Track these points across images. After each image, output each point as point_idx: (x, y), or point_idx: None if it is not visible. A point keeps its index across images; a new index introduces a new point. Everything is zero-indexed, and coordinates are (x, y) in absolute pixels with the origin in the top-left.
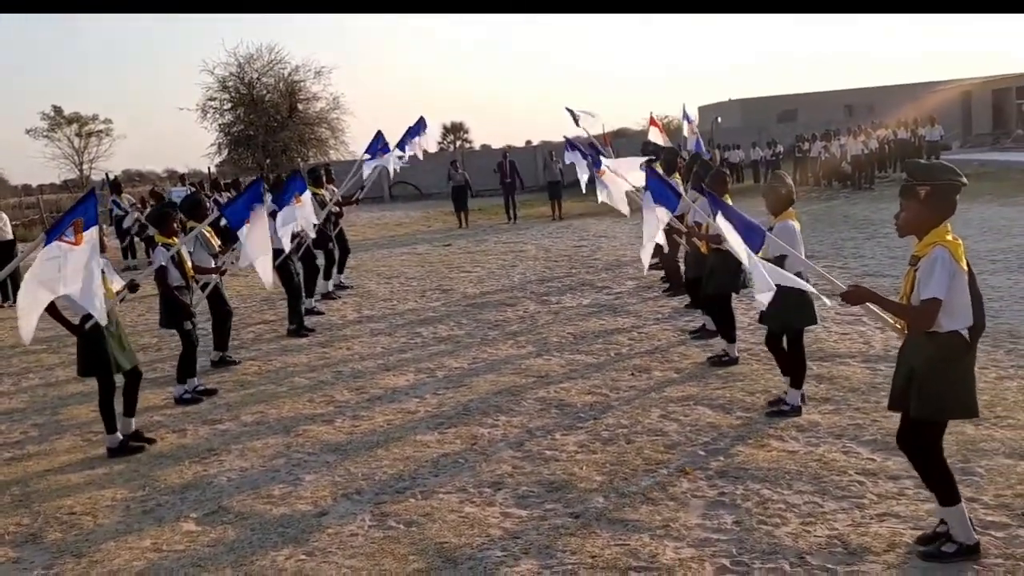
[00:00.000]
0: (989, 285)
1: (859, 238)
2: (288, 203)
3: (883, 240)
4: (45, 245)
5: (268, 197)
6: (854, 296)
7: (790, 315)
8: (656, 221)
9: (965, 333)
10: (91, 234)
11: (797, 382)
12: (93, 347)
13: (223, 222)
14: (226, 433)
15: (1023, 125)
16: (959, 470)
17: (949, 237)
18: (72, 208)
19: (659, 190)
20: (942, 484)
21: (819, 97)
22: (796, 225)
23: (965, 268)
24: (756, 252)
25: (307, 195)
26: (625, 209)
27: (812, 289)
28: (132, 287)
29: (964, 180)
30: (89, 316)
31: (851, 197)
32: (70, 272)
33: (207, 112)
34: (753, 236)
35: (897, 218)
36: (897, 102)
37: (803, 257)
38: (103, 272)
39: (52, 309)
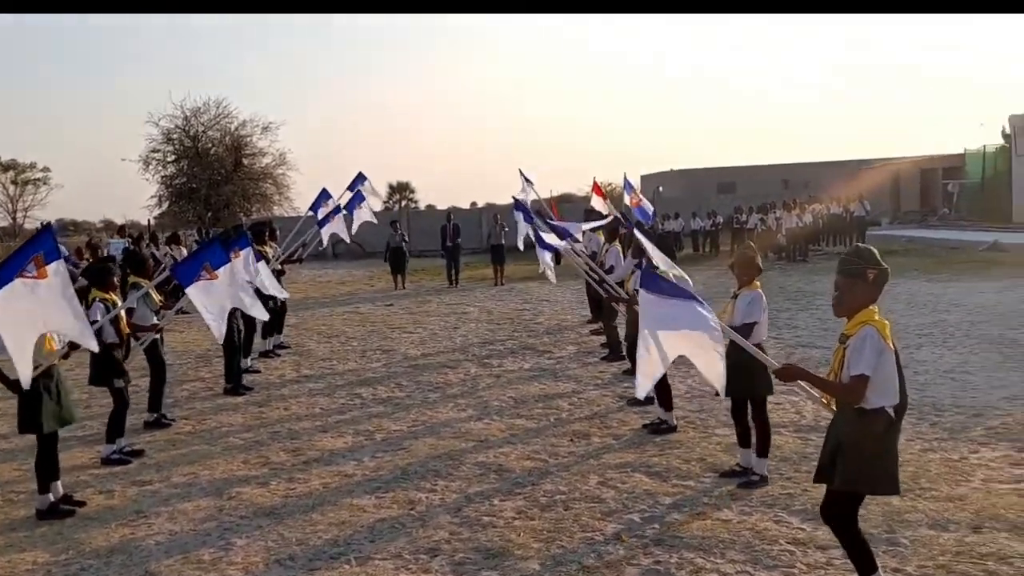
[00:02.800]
0: (915, 359)
1: (793, 309)
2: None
3: (816, 311)
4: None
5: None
6: (786, 374)
7: (757, 382)
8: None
9: (891, 410)
10: (56, 267)
11: (764, 451)
12: (30, 403)
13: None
14: (156, 495)
15: (948, 204)
16: (884, 540)
17: (877, 317)
18: (26, 245)
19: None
20: (860, 555)
21: (757, 170)
22: (762, 294)
23: (892, 347)
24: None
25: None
26: (552, 277)
27: (763, 356)
28: (73, 345)
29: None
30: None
31: (786, 269)
32: (49, 307)
33: (150, 163)
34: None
35: (835, 299)
36: (831, 178)
37: (765, 327)
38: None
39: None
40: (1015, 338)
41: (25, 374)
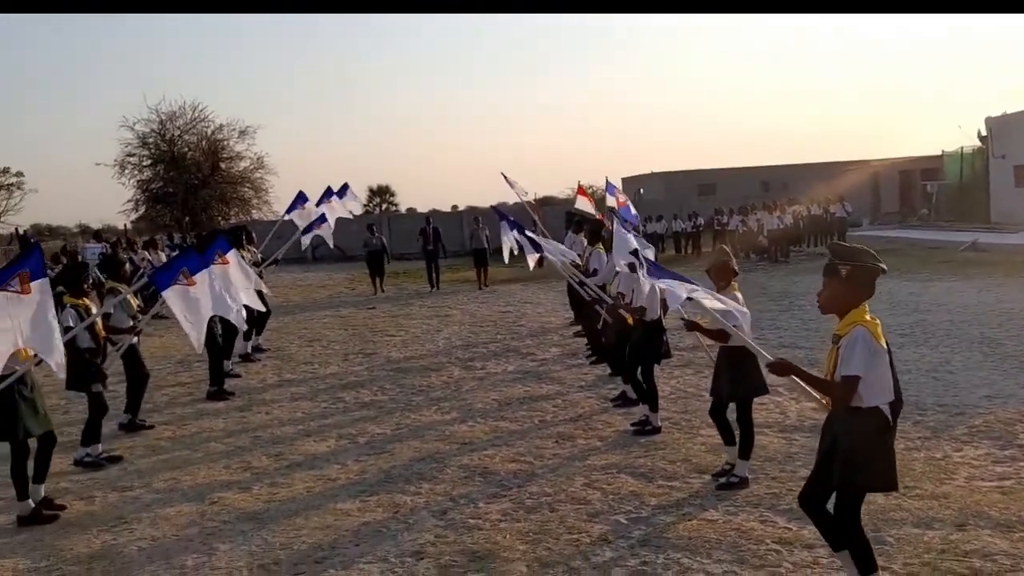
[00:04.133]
0: (897, 358)
1: (775, 310)
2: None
3: (799, 312)
4: None
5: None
6: (779, 368)
7: (744, 385)
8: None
9: (886, 409)
10: (41, 284)
11: (746, 453)
12: (4, 410)
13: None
14: (137, 500)
15: (928, 205)
16: (870, 539)
17: (868, 317)
18: (13, 262)
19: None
20: (862, 552)
21: (737, 173)
22: (739, 296)
23: (884, 346)
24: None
25: (233, 254)
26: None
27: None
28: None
29: (884, 266)
30: (1, 378)
31: (768, 270)
32: (25, 322)
33: (125, 168)
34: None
35: (819, 295)
36: (810, 180)
37: (747, 328)
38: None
39: None
40: (995, 337)
41: None
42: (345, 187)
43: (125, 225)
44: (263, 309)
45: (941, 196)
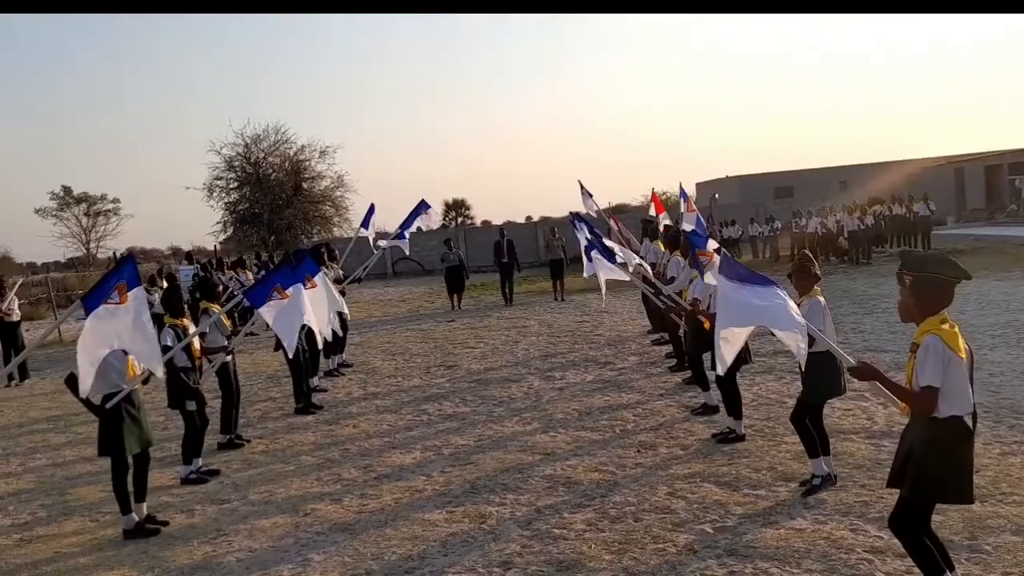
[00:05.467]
0: (989, 360)
1: (859, 313)
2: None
3: (882, 315)
4: (87, 312)
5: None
6: (863, 373)
7: (820, 386)
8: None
9: (968, 419)
10: (136, 293)
11: (815, 452)
12: (110, 427)
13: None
14: (234, 513)
15: (1016, 200)
16: (966, 547)
17: (945, 326)
18: (110, 274)
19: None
20: (927, 563)
21: (814, 174)
22: (823, 300)
23: (963, 356)
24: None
25: (320, 276)
26: (603, 291)
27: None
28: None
29: (955, 275)
30: (110, 396)
31: (849, 272)
32: (121, 327)
33: (213, 191)
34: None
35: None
36: (891, 178)
37: (832, 332)
38: (126, 353)
39: (75, 389)
40: None
41: (85, 384)
42: (424, 204)
43: (215, 246)
44: (340, 332)
45: None
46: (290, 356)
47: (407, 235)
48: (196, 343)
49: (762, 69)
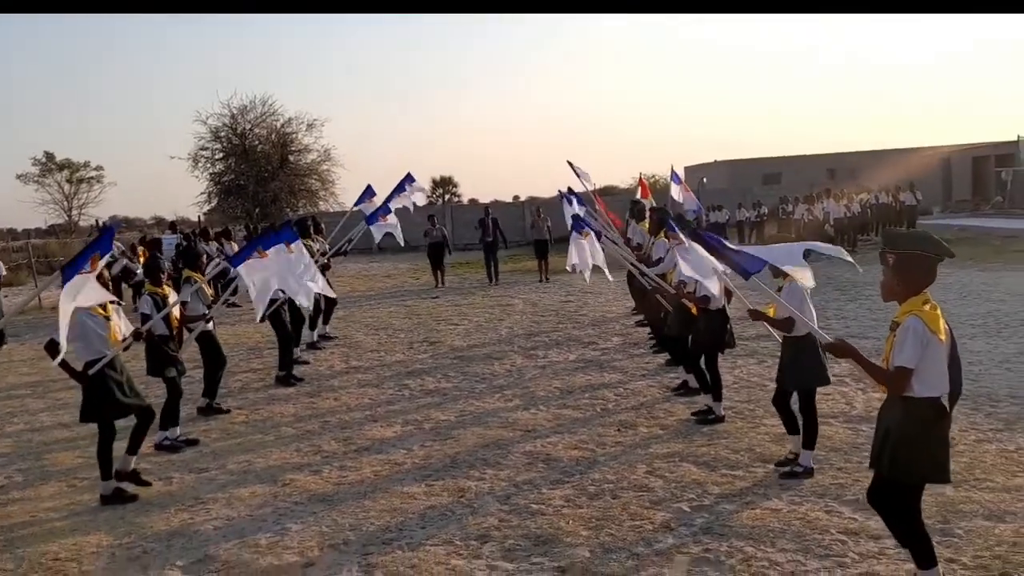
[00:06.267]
0: (969, 349)
1: (842, 300)
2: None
3: (865, 302)
4: (64, 282)
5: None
6: (838, 349)
7: (808, 374)
8: (704, 259)
9: (944, 400)
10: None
11: (810, 443)
12: (94, 393)
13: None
14: (212, 481)
15: (1002, 192)
16: (939, 531)
17: (926, 307)
18: (89, 246)
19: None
20: (919, 546)
21: (803, 160)
22: (800, 286)
23: (943, 337)
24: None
25: (298, 244)
26: (587, 274)
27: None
28: (137, 335)
29: (937, 252)
30: (92, 363)
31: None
32: (89, 290)
33: (198, 161)
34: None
35: (880, 283)
36: (879, 167)
37: (813, 314)
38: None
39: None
40: None
41: (62, 333)
42: (409, 178)
43: (199, 217)
44: (332, 295)
45: (1016, 183)
46: (257, 319)
47: (392, 208)
48: (176, 311)
49: (754, 57)
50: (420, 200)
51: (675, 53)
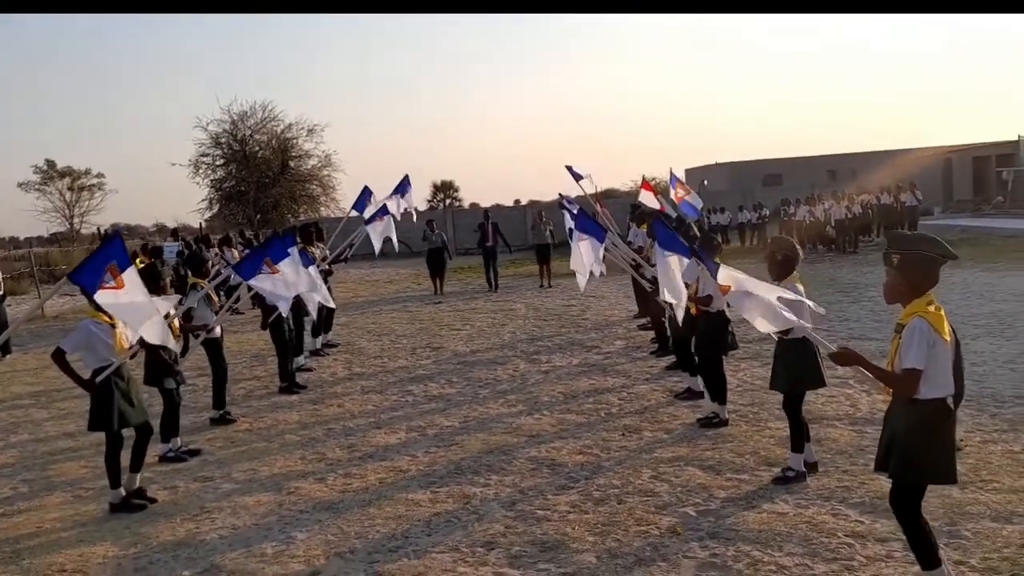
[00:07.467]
0: (972, 350)
1: (844, 301)
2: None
3: (868, 304)
4: (84, 289)
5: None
6: (842, 358)
7: (801, 375)
8: (671, 270)
9: (949, 401)
10: (129, 275)
11: (798, 446)
12: (101, 402)
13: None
14: (217, 490)
15: (1003, 192)
16: (946, 533)
17: (931, 308)
18: (97, 252)
19: (667, 240)
20: (923, 548)
21: (803, 162)
22: (800, 288)
23: (948, 338)
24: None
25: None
26: (582, 284)
27: (819, 339)
28: (142, 343)
29: (941, 253)
30: (99, 371)
31: (836, 261)
32: (130, 314)
33: (199, 168)
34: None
35: (883, 285)
36: (879, 168)
37: (808, 320)
38: (115, 326)
39: (63, 364)
40: None
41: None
42: (406, 181)
43: (200, 224)
44: (332, 306)
45: (1017, 183)
46: (283, 313)
47: (390, 210)
48: (176, 321)
49: (754, 56)
50: (418, 205)
51: (675, 53)
